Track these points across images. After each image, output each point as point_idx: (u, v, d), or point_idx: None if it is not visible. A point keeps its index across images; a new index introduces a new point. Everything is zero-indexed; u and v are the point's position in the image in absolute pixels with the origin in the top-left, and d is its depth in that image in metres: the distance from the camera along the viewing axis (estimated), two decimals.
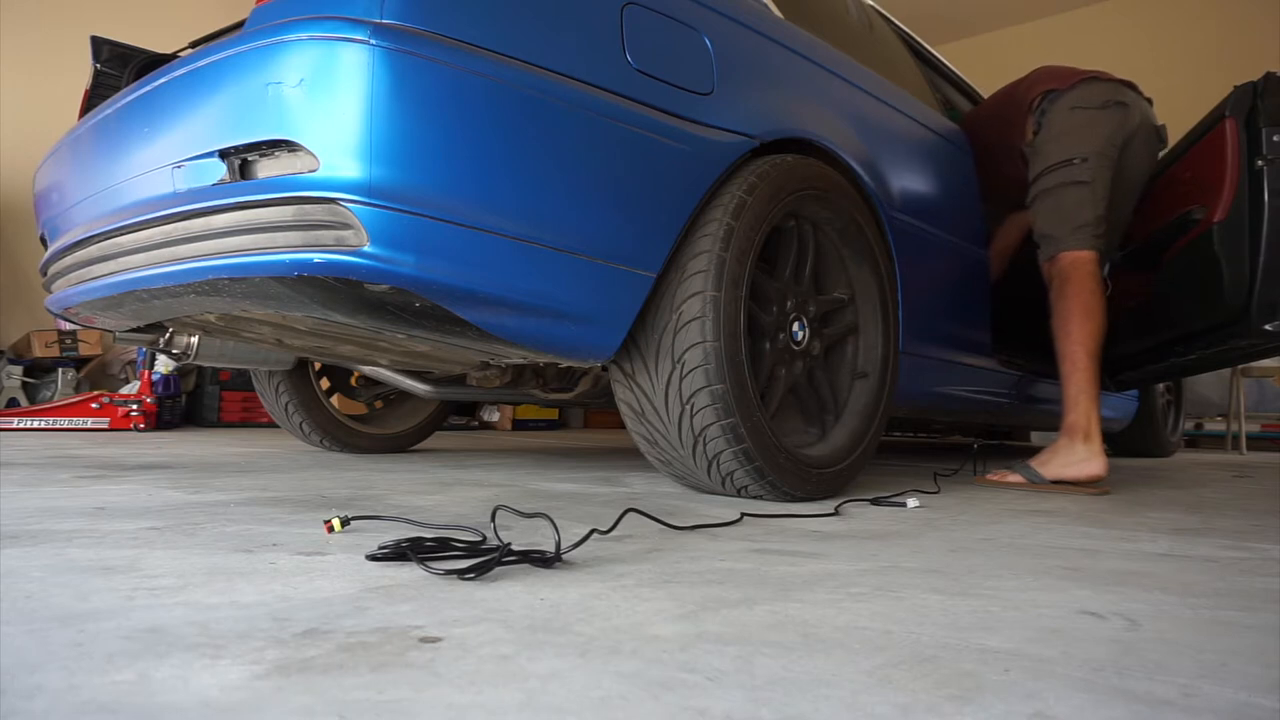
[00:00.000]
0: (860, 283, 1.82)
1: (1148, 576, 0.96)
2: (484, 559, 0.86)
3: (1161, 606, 0.81)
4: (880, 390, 1.80)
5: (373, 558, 0.89)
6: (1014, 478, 2.06)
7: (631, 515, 1.25)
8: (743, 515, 1.34)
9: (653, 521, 1.23)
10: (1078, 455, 2.01)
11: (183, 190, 1.27)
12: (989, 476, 2.15)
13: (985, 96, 3.03)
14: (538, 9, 1.29)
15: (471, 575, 0.82)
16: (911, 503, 1.57)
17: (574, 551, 0.97)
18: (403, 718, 0.48)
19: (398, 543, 0.90)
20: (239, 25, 1.41)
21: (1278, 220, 1.96)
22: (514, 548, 0.92)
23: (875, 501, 1.59)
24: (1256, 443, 5.34)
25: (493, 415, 5.11)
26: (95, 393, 3.76)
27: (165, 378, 3.92)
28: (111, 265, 1.46)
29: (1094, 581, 0.92)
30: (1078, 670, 0.60)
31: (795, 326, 1.68)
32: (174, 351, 1.98)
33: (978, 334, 2.36)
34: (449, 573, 0.83)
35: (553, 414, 5.34)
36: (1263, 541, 1.27)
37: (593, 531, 1.06)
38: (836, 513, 1.44)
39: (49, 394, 3.96)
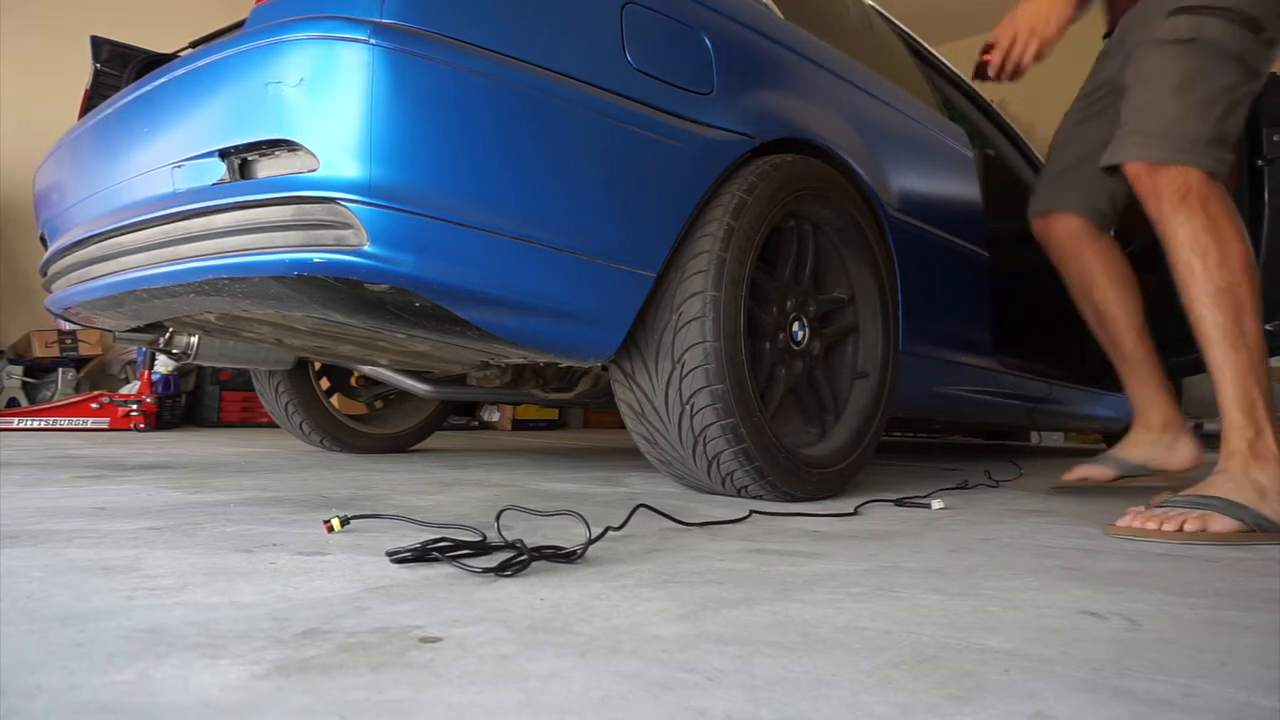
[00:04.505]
0: (860, 283, 1.82)
1: (1148, 576, 0.96)
2: (512, 556, 0.87)
3: (1161, 606, 0.81)
4: (880, 390, 1.80)
5: (396, 559, 0.88)
6: (1223, 523, 1.26)
7: (637, 517, 1.25)
8: (788, 513, 1.34)
9: (653, 521, 1.23)
10: None
11: (182, 190, 1.27)
12: (1142, 516, 1.30)
13: (985, 97, 3.01)
14: (538, 9, 1.29)
15: (509, 573, 0.83)
16: (936, 504, 1.55)
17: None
18: (403, 718, 0.48)
19: (424, 544, 0.90)
20: (239, 25, 1.41)
21: (1278, 220, 1.96)
22: (528, 545, 0.92)
23: (899, 503, 1.59)
24: None
25: (493, 415, 5.11)
26: (95, 393, 3.76)
27: (165, 378, 3.92)
28: (111, 265, 1.46)
29: (1094, 581, 0.92)
30: (1078, 670, 0.60)
31: (795, 326, 1.68)
32: (174, 351, 1.98)
33: (978, 334, 2.36)
34: (486, 570, 0.83)
35: (553, 414, 5.33)
36: (1261, 541, 1.27)
37: (607, 529, 1.06)
38: (856, 512, 1.44)
39: (49, 394, 3.96)
